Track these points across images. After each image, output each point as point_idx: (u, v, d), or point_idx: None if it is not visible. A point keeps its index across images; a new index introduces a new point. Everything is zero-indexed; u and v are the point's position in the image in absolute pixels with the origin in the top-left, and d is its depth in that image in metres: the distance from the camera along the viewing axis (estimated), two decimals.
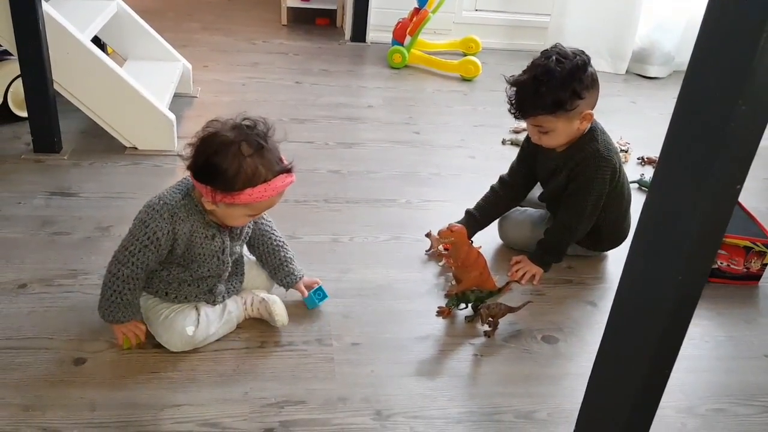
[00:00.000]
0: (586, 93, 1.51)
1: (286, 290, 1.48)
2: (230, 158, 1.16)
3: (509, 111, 1.56)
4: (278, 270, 1.45)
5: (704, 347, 1.51)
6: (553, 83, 1.47)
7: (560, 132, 1.55)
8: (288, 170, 1.23)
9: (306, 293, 1.47)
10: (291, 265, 1.46)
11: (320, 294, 1.47)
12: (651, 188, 0.82)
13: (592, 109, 1.55)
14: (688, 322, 0.87)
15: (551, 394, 1.32)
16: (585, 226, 1.64)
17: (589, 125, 1.57)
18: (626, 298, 0.91)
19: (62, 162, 2.04)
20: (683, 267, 0.80)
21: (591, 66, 1.52)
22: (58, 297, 1.44)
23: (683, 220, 0.78)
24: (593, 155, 1.57)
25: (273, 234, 1.45)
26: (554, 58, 1.48)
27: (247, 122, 1.21)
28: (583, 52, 1.52)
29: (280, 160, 1.23)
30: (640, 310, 0.88)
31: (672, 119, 0.76)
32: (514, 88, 1.54)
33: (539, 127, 1.56)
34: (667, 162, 0.79)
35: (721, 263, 1.72)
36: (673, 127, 0.77)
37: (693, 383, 1.39)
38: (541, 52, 1.53)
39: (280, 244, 1.46)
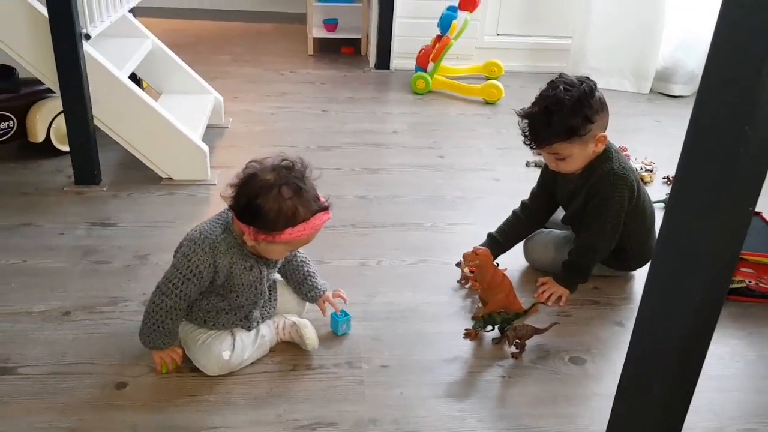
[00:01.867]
0: (597, 116, 1.54)
1: (311, 303, 1.52)
2: (271, 201, 1.22)
3: (524, 143, 1.60)
4: (302, 284, 1.50)
5: (734, 367, 1.51)
6: (564, 111, 1.51)
7: (576, 157, 1.58)
8: (325, 208, 1.29)
9: (325, 312, 1.51)
10: (314, 280, 1.51)
11: (342, 314, 1.51)
12: (666, 212, 0.85)
13: (604, 131, 1.59)
14: (709, 342, 0.88)
15: (579, 415, 1.33)
16: (607, 244, 1.66)
17: (603, 147, 1.60)
18: (647, 318, 0.93)
19: (102, 193, 2.13)
20: (700, 287, 0.82)
21: (597, 90, 1.56)
22: (100, 324, 1.51)
23: (698, 242, 0.80)
24: (608, 174, 1.60)
25: (296, 251, 1.51)
26: (561, 87, 1.53)
27: (285, 163, 1.27)
28: (588, 78, 1.57)
29: (317, 198, 1.29)
30: (660, 330, 0.90)
31: (684, 145, 0.79)
32: (526, 121, 1.58)
33: (556, 155, 1.60)
34: (681, 186, 0.82)
35: (750, 282, 1.71)
36: (685, 153, 0.80)
37: (723, 403, 1.38)
38: (548, 83, 1.58)
39: (303, 259, 1.52)
